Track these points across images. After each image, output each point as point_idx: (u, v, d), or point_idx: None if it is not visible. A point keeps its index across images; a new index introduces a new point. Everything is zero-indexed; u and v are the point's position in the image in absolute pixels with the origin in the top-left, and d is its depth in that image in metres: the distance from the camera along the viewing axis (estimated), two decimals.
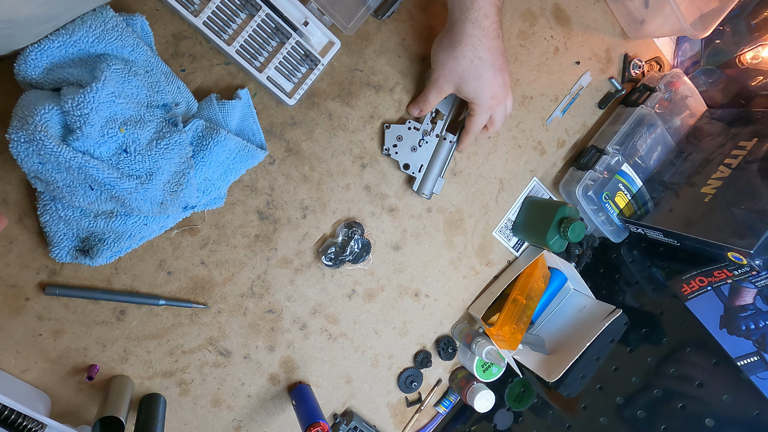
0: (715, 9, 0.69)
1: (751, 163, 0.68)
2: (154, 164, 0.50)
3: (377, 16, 0.64)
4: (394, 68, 0.67)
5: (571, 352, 0.74)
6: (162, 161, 0.50)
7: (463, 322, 0.80)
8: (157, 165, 0.50)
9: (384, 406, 0.77)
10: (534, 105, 0.76)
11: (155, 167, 0.50)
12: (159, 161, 0.50)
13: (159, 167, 0.50)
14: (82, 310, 0.57)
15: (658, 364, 0.69)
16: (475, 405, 0.74)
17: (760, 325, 0.62)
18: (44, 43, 0.46)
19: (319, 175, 0.66)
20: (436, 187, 0.70)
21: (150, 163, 0.50)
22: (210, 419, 0.66)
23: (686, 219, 0.69)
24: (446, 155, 0.69)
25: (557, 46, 0.75)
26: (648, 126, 0.77)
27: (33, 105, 0.45)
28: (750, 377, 0.60)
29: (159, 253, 0.59)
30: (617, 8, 0.76)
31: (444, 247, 0.75)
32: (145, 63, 0.51)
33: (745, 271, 0.64)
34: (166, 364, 0.62)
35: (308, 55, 0.60)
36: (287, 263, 0.66)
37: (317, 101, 0.64)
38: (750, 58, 0.75)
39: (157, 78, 0.51)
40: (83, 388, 0.59)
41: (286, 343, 0.68)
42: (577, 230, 0.67)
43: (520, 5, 0.72)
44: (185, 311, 0.62)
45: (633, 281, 0.79)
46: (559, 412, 0.76)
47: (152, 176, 0.50)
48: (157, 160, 0.50)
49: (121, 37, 0.49)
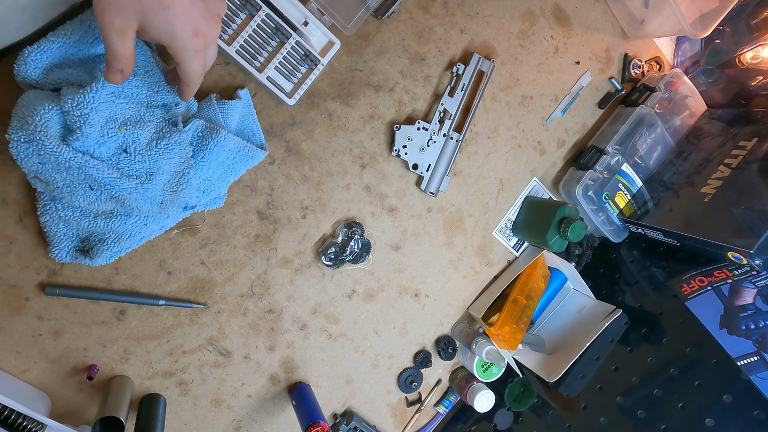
0: (715, 9, 0.69)
1: (751, 163, 0.68)
2: (154, 164, 0.50)
3: (377, 16, 0.64)
4: (394, 68, 0.67)
5: (571, 352, 0.74)
6: (162, 161, 0.50)
7: (463, 322, 0.80)
8: (157, 165, 0.50)
9: (384, 406, 0.77)
10: (534, 105, 0.76)
11: (155, 167, 0.50)
12: (159, 161, 0.50)
13: (159, 167, 0.50)
14: (82, 310, 0.57)
15: (658, 364, 0.69)
16: (475, 405, 0.74)
17: (760, 325, 0.62)
18: (43, 44, 0.46)
19: (319, 175, 0.66)
20: (442, 185, 0.70)
21: (150, 163, 0.50)
22: (210, 419, 0.66)
23: (686, 219, 0.69)
24: (452, 153, 0.69)
25: (557, 46, 0.75)
26: (648, 126, 0.77)
27: (33, 105, 0.45)
28: (750, 377, 0.60)
29: (159, 253, 0.59)
30: (617, 8, 0.76)
31: (444, 247, 0.75)
32: (145, 63, 0.51)
33: (745, 271, 0.64)
34: (166, 364, 0.62)
35: (308, 55, 0.60)
36: (287, 263, 0.66)
37: (317, 101, 0.64)
38: (750, 58, 0.75)
39: (156, 78, 0.51)
40: (83, 388, 0.59)
41: (286, 343, 0.68)
42: (577, 230, 0.67)
43: (520, 5, 0.72)
44: (185, 311, 0.62)
45: (633, 281, 0.79)
46: (559, 412, 0.76)
47: (152, 176, 0.50)
48: (157, 160, 0.50)
49: None
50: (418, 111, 0.69)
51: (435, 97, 0.70)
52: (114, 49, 0.41)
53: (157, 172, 0.50)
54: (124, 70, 0.43)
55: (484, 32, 0.71)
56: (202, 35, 0.44)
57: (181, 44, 0.43)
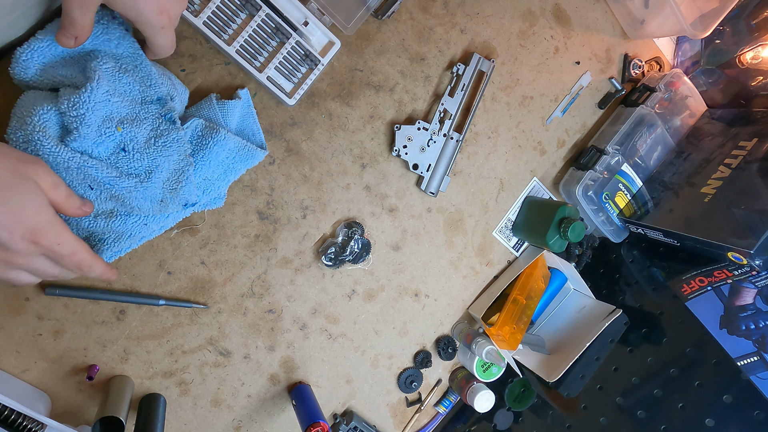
0: (715, 9, 0.69)
1: (751, 163, 0.68)
2: (152, 162, 0.50)
3: (377, 16, 0.64)
4: (394, 68, 0.67)
5: (571, 352, 0.74)
6: (160, 159, 0.50)
7: (463, 322, 0.80)
8: (155, 163, 0.50)
9: (384, 406, 0.77)
10: (534, 105, 0.76)
11: (154, 165, 0.50)
12: (157, 159, 0.50)
13: (158, 165, 0.50)
14: (82, 310, 0.57)
15: (658, 364, 0.69)
16: (475, 405, 0.74)
17: (760, 325, 0.62)
18: (33, 43, 0.46)
19: (319, 175, 0.66)
20: (442, 185, 0.70)
21: (148, 161, 0.50)
22: (210, 419, 0.66)
23: (686, 219, 0.69)
24: (452, 153, 0.69)
25: (557, 46, 0.75)
26: (648, 126, 0.77)
27: (31, 105, 0.45)
28: (750, 377, 0.60)
29: (159, 253, 0.59)
30: (617, 8, 0.76)
31: (444, 247, 0.75)
32: (133, 57, 0.50)
33: (745, 271, 0.64)
34: (166, 364, 0.62)
35: (308, 55, 0.60)
36: (287, 263, 0.66)
37: (317, 101, 0.64)
38: (750, 58, 0.75)
39: (147, 71, 0.51)
40: (83, 388, 0.59)
41: (286, 343, 0.68)
42: (577, 230, 0.67)
43: (520, 5, 0.72)
44: (185, 311, 0.62)
45: (633, 281, 0.79)
46: (559, 412, 0.76)
47: (151, 174, 0.50)
48: (156, 157, 0.50)
49: (106, 30, 0.49)
50: (418, 111, 0.69)
51: (435, 97, 0.70)
52: (72, 17, 0.42)
53: (156, 170, 0.50)
54: (79, 37, 0.44)
55: (484, 32, 0.71)
56: (166, 12, 0.45)
57: (147, 20, 0.44)
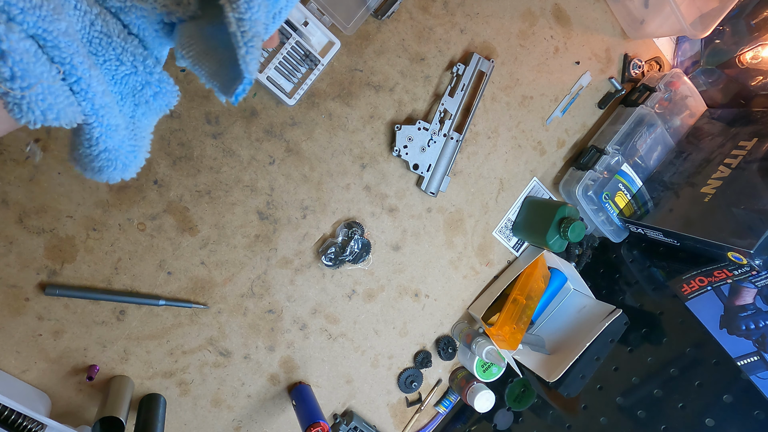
0: (715, 9, 0.69)
1: (751, 163, 0.68)
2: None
3: (377, 16, 0.64)
4: (394, 68, 0.67)
5: (571, 352, 0.74)
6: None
7: (463, 322, 0.80)
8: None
9: (384, 406, 0.77)
10: (534, 105, 0.76)
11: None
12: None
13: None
14: (82, 310, 0.57)
15: (658, 364, 0.69)
16: (475, 405, 0.74)
17: (760, 325, 0.62)
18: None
19: (319, 175, 0.66)
20: (442, 185, 0.70)
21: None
22: (210, 419, 0.66)
23: (686, 219, 0.69)
24: (452, 153, 0.69)
25: (557, 46, 0.75)
26: (648, 126, 0.77)
27: None
28: (750, 377, 0.60)
29: (159, 253, 0.59)
30: (617, 8, 0.76)
31: (444, 247, 0.75)
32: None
33: (745, 271, 0.64)
34: (166, 364, 0.62)
35: (308, 55, 0.60)
36: (287, 263, 0.66)
37: (317, 101, 0.64)
38: (750, 58, 0.75)
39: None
40: (83, 388, 0.59)
41: (286, 343, 0.68)
42: (577, 230, 0.67)
43: (520, 5, 0.72)
44: (185, 311, 0.62)
45: (633, 281, 0.79)
46: (559, 412, 0.76)
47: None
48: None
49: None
50: (418, 111, 0.69)
51: (435, 97, 0.70)
52: None
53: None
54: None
55: (484, 32, 0.71)
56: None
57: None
